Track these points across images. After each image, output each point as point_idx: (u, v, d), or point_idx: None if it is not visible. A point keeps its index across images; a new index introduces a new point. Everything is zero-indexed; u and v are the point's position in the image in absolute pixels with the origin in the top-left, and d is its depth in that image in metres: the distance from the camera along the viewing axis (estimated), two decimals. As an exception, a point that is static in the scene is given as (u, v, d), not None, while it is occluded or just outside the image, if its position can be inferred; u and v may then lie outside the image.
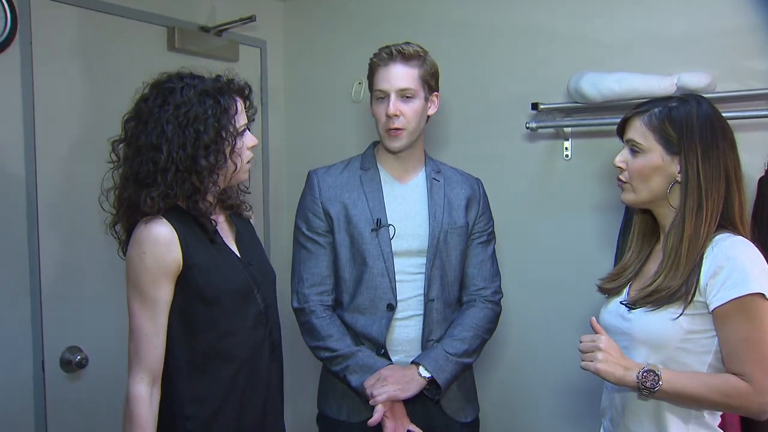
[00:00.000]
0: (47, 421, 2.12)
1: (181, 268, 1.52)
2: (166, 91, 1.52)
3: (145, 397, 1.49)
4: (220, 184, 1.59)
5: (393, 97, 1.87)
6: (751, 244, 1.44)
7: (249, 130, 1.63)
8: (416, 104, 1.90)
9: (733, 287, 1.38)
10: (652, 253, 1.60)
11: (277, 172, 2.97)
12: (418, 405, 1.88)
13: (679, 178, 1.48)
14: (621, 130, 1.59)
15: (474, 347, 1.93)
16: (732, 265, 1.39)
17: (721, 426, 1.52)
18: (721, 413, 1.52)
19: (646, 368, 1.40)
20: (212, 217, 1.60)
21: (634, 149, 1.52)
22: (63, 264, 2.16)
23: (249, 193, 1.81)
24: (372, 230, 1.90)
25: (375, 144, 2.03)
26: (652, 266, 1.56)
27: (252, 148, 1.63)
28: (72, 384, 2.19)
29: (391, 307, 1.89)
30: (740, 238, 1.44)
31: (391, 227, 1.91)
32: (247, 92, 1.62)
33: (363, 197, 1.93)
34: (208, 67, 1.63)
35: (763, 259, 1.42)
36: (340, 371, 1.87)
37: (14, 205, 2.06)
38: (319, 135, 2.93)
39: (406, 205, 1.96)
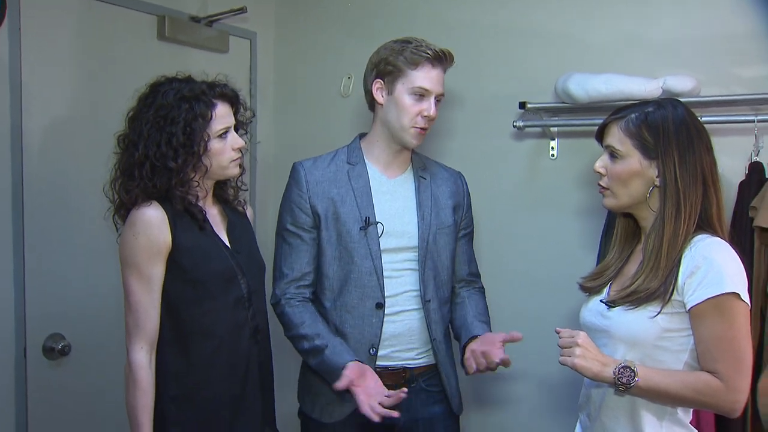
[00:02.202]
0: (28, 408, 2.11)
1: (170, 248, 1.66)
2: (154, 92, 1.69)
3: (146, 363, 1.64)
4: (198, 181, 1.71)
5: (433, 99, 1.88)
6: (728, 245, 1.47)
7: (237, 131, 1.76)
8: (438, 109, 1.93)
9: (709, 286, 1.40)
10: (633, 254, 1.63)
11: (266, 165, 2.97)
12: (409, 395, 1.87)
13: (657, 182, 1.51)
14: (600, 136, 1.61)
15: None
16: (708, 266, 1.41)
17: (695, 424, 1.55)
18: (693, 411, 1.55)
19: (622, 364, 1.42)
20: (204, 207, 1.74)
21: (613, 155, 1.55)
22: (46, 251, 2.15)
23: (246, 189, 1.92)
24: (360, 228, 1.90)
25: (361, 136, 2.03)
26: (633, 267, 1.58)
27: (238, 149, 1.74)
28: (54, 371, 2.18)
29: (380, 306, 1.89)
30: (717, 239, 1.47)
31: (379, 225, 1.91)
32: (230, 95, 1.74)
33: (351, 194, 1.92)
34: (197, 58, 1.67)
35: (739, 261, 1.45)
36: (316, 366, 1.87)
37: (-1, 190, 2.05)
38: (308, 128, 2.93)
39: (395, 202, 1.96)
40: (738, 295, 1.40)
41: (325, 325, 1.90)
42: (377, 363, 1.90)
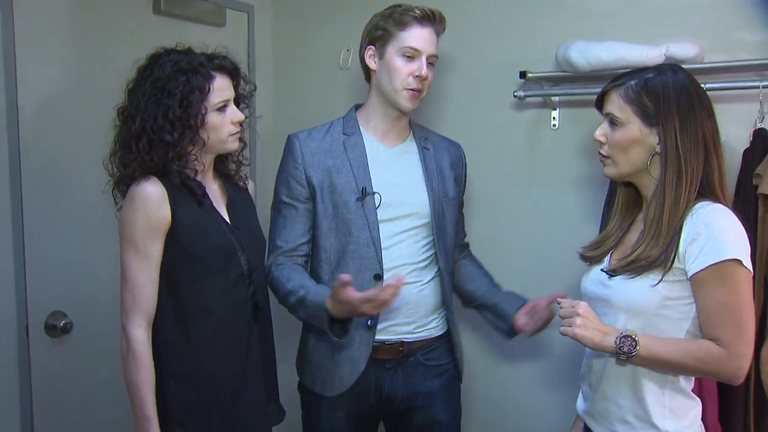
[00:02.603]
0: (32, 385, 2.12)
1: (169, 225, 1.64)
2: (152, 64, 1.66)
3: (145, 339, 1.64)
4: (197, 155, 1.69)
5: (424, 59, 1.86)
6: (730, 211, 1.45)
7: (237, 105, 1.74)
8: (433, 72, 1.91)
9: (711, 253, 1.39)
10: (634, 223, 1.62)
11: (265, 138, 2.94)
12: (408, 370, 1.93)
13: (658, 149, 1.49)
14: (599, 104, 1.59)
15: None
16: (710, 232, 1.40)
17: (698, 393, 1.54)
18: (695, 379, 1.54)
19: (623, 334, 1.41)
20: (203, 182, 1.72)
21: (613, 122, 1.53)
22: (46, 229, 2.14)
23: (248, 164, 1.90)
24: (357, 199, 1.87)
25: (356, 107, 2.01)
26: (634, 236, 1.57)
27: (238, 123, 1.72)
28: (57, 349, 2.19)
29: (379, 277, 1.88)
30: (719, 205, 1.45)
31: (376, 195, 1.89)
32: (230, 68, 1.71)
33: (347, 164, 1.90)
34: (193, 32, 1.65)
35: (742, 227, 1.43)
36: (306, 318, 1.82)
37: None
38: (308, 102, 2.90)
39: (394, 171, 1.94)
40: (740, 261, 1.38)
41: (313, 281, 1.86)
42: (377, 336, 1.90)
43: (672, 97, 1.47)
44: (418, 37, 1.84)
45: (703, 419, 1.55)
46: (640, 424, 1.50)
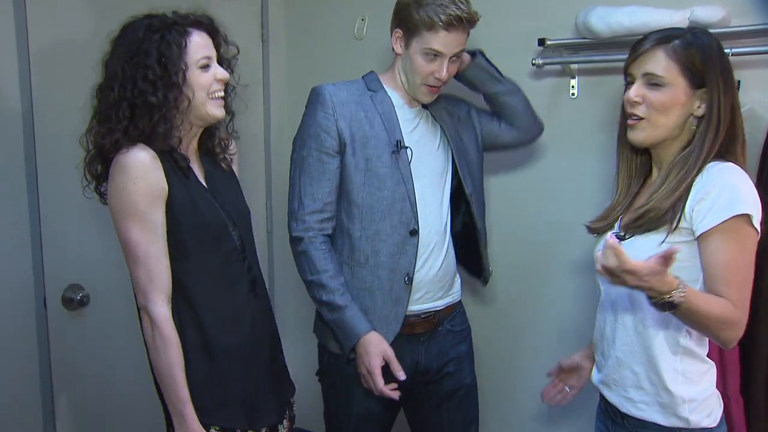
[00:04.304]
0: (51, 358, 2.14)
1: (166, 195, 1.53)
2: (125, 31, 1.56)
3: (170, 316, 1.52)
4: (182, 119, 1.58)
5: (447, 61, 1.82)
6: (740, 169, 1.42)
7: (224, 65, 1.63)
8: (456, 66, 1.89)
9: (721, 210, 1.35)
10: (642, 191, 1.58)
11: (279, 110, 2.92)
12: (439, 339, 1.97)
13: (698, 113, 1.44)
14: (631, 64, 1.51)
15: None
16: (719, 190, 1.37)
17: (719, 363, 1.51)
18: (716, 349, 1.51)
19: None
20: (186, 155, 1.62)
21: (654, 83, 1.46)
22: (62, 201, 2.14)
23: (238, 137, 1.78)
24: (392, 152, 1.85)
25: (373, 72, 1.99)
26: (642, 199, 1.53)
27: (221, 81, 1.60)
28: (74, 321, 2.20)
29: (414, 233, 1.86)
30: (729, 163, 1.42)
31: (408, 150, 1.87)
32: (206, 24, 1.61)
33: (378, 117, 1.87)
34: (206, 4, 1.61)
35: (753, 186, 1.40)
36: (330, 321, 1.86)
37: (12, 140, 2.03)
38: (322, 72, 2.85)
39: (419, 129, 1.93)
40: (750, 217, 1.35)
41: (343, 277, 1.87)
42: (410, 308, 1.90)
43: (716, 59, 1.43)
44: (442, 41, 1.79)
45: (725, 390, 1.53)
46: (654, 390, 1.48)
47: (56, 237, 2.13)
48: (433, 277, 1.91)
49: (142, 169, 1.49)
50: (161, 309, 1.51)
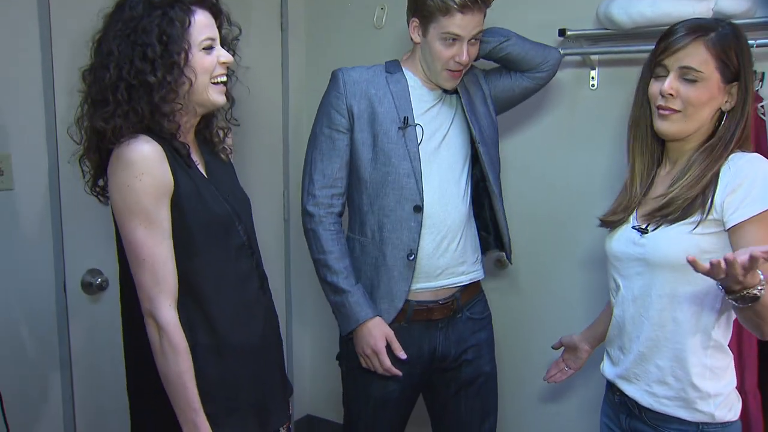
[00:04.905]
0: (70, 341, 2.17)
1: (172, 190, 1.42)
2: (120, 6, 1.43)
3: (177, 321, 1.42)
4: (182, 103, 1.45)
5: (466, 44, 1.82)
6: (766, 159, 1.41)
7: (225, 48, 1.52)
8: (477, 48, 1.88)
9: (754, 203, 1.34)
10: (656, 179, 1.56)
11: (297, 100, 2.93)
12: (458, 326, 1.98)
13: (725, 107, 1.43)
14: (668, 57, 1.44)
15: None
16: (751, 181, 1.36)
17: (737, 358, 1.49)
18: (735, 346, 1.50)
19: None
20: (186, 143, 1.50)
21: (690, 78, 1.42)
22: (82, 186, 2.15)
23: (238, 124, 1.68)
24: (399, 128, 1.87)
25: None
26: (659, 189, 1.52)
27: (225, 64, 1.50)
28: (94, 306, 2.23)
29: (419, 209, 1.87)
30: (755, 154, 1.42)
31: (418, 127, 1.89)
32: (210, 2, 1.49)
33: (389, 95, 1.90)
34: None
35: None
36: (332, 302, 1.92)
37: (34, 128, 2.05)
38: (341, 61, 2.81)
39: (435, 110, 1.94)
40: None
41: (350, 259, 1.91)
42: (428, 284, 1.92)
43: (747, 54, 1.43)
44: (459, 24, 1.80)
45: (742, 386, 1.52)
46: (679, 385, 1.47)
47: (76, 221, 2.15)
48: (452, 255, 1.93)
49: (146, 163, 1.37)
50: (169, 314, 1.41)
